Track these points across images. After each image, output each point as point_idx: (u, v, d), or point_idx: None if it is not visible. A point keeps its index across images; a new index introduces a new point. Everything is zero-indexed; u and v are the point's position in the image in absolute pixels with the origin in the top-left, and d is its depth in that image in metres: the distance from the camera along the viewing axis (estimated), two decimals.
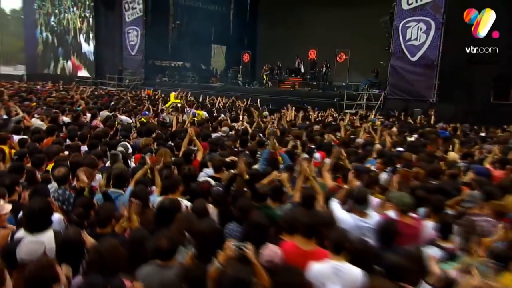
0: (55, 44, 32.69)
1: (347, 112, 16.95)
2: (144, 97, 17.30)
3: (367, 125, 9.85)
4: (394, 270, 2.68)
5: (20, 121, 8.01)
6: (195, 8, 27.85)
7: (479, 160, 7.10)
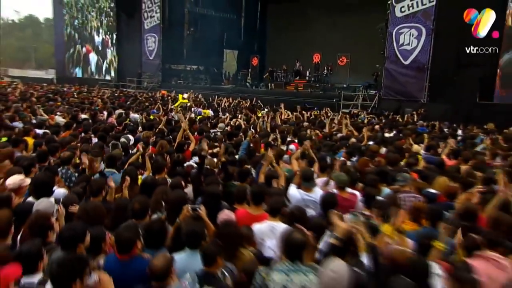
0: (83, 50, 33.45)
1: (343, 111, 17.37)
2: (157, 98, 18.05)
3: (347, 121, 10.40)
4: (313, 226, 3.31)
5: (45, 121, 8.82)
6: (208, 16, 28.14)
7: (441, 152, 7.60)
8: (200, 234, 3.07)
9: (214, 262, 2.75)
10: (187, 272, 2.70)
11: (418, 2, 16.89)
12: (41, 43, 70.67)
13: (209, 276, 2.67)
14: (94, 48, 31.92)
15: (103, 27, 30.88)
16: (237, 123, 9.83)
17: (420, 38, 16.97)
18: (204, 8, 27.91)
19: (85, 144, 6.21)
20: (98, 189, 3.88)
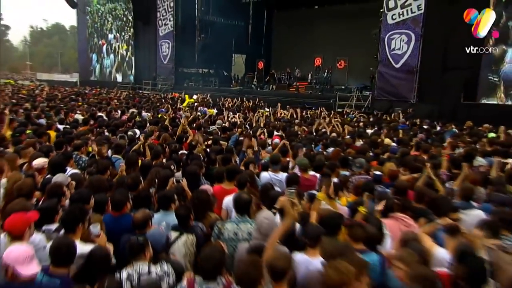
0: (103, 55, 34.09)
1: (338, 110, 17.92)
2: (168, 99, 18.83)
3: (330, 119, 11.04)
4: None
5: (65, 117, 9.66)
6: (218, 23, 28.57)
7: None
8: (169, 197, 3.77)
9: (186, 220, 3.44)
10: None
11: (407, 10, 17.17)
12: (67, 49, 72.21)
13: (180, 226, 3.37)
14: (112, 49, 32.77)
15: (121, 34, 31.64)
16: (234, 120, 10.53)
17: (410, 43, 17.22)
18: (213, 16, 28.35)
19: (98, 137, 6.99)
20: (104, 168, 4.62)
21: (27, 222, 2.69)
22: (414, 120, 13.12)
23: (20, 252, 2.32)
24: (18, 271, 2.28)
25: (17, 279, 2.29)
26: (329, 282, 2.23)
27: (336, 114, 14.80)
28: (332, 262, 2.33)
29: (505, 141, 8.40)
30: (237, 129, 8.94)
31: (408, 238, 3.07)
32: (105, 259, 2.67)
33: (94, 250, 2.68)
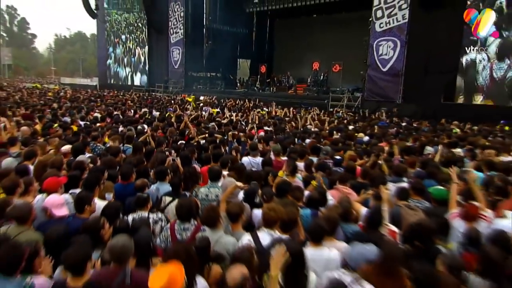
0: (120, 61, 34.80)
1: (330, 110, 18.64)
2: (177, 100, 19.73)
3: (311, 116, 11.83)
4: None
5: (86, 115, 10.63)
6: (224, 31, 29.22)
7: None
8: (164, 171, 4.62)
9: (177, 189, 4.28)
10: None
11: (393, 19, 17.76)
12: (87, 55, 73.87)
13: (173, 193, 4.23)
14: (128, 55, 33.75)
15: (136, 41, 32.49)
16: (232, 118, 11.37)
17: (396, 49, 17.78)
18: (220, 25, 29.06)
19: (113, 130, 7.91)
20: (115, 152, 5.52)
21: (59, 183, 3.58)
22: (394, 118, 13.79)
23: (55, 199, 3.20)
24: (53, 212, 3.16)
25: (53, 218, 3.16)
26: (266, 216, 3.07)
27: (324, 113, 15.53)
28: (270, 205, 3.17)
29: (461, 135, 9.13)
30: (231, 126, 9.80)
31: (341, 200, 3.90)
32: (116, 210, 3.49)
33: (109, 204, 3.53)
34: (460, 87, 16.37)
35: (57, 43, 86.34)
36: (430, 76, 17.00)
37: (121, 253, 2.42)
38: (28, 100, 13.93)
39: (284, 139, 7.63)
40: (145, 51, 31.43)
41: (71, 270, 2.26)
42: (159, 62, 30.12)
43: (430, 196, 4.11)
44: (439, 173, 4.92)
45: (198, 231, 3.19)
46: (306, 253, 2.52)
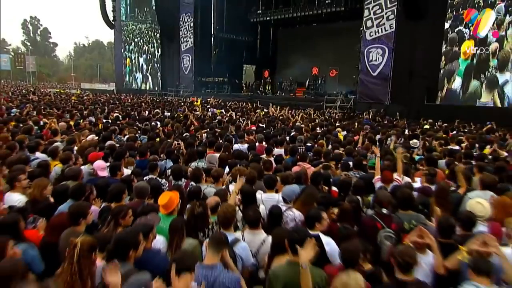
0: (135, 67, 36.48)
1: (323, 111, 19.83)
2: (187, 102, 21.09)
3: (302, 116, 13.09)
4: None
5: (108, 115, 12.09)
6: (230, 39, 30.65)
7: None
8: (171, 151, 5.95)
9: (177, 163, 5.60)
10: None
11: (382, 29, 18.87)
12: (104, 61, 76.08)
13: None
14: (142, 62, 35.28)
15: (150, 49, 34.04)
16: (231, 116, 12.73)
17: (384, 55, 18.85)
18: (227, 33, 30.52)
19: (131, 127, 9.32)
20: (133, 139, 6.91)
21: (98, 156, 4.97)
22: (377, 117, 14.98)
23: (100, 164, 4.58)
24: (98, 172, 4.52)
25: (97, 176, 4.52)
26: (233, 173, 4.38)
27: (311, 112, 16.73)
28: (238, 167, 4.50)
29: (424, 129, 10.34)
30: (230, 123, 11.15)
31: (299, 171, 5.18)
32: (139, 174, 4.78)
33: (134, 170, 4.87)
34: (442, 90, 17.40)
35: (76, 51, 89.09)
36: (414, 79, 18.08)
37: (142, 192, 3.76)
38: (57, 103, 15.42)
39: (272, 133, 8.93)
40: (158, 58, 32.91)
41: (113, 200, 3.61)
42: (171, 68, 31.56)
43: (366, 169, 5.38)
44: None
45: (188, 185, 4.50)
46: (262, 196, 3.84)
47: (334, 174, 5.07)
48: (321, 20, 27.49)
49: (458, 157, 6.38)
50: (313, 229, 3.08)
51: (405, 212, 3.55)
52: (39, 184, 3.68)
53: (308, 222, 3.19)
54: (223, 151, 6.03)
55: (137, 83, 36.03)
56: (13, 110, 11.36)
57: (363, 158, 5.79)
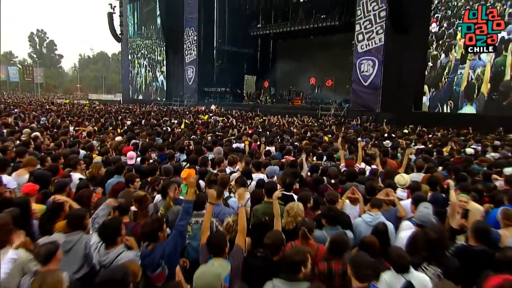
0: (141, 78, 38.26)
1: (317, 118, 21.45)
2: (191, 111, 22.81)
3: (296, 122, 14.72)
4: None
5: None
6: (232, 51, 32.59)
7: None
8: (183, 148, 7.59)
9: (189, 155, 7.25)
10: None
11: (372, 42, 20.57)
12: (109, 73, 78.41)
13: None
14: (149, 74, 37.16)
15: (156, 61, 35.96)
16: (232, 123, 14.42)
17: (374, 67, 20.48)
18: (228, 46, 32.46)
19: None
20: (152, 139, 8.56)
21: (130, 149, 6.62)
22: (365, 123, 16.61)
23: (131, 154, 6.24)
24: (128, 161, 6.16)
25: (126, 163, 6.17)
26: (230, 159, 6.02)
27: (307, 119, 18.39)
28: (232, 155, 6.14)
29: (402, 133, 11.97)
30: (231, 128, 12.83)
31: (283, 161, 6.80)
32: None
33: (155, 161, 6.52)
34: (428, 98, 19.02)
35: (81, 63, 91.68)
36: (402, 89, 19.65)
37: (168, 171, 5.40)
38: (74, 112, 17.17)
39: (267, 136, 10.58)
40: (163, 70, 34.75)
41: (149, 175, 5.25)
42: (175, 79, 33.45)
43: (334, 159, 7.02)
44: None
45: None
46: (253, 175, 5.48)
47: (310, 162, 6.67)
48: (317, 33, 29.47)
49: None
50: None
51: (351, 183, 5.17)
52: (96, 166, 5.33)
53: (286, 187, 4.78)
54: (225, 147, 7.68)
55: (143, 93, 37.79)
56: (42, 118, 13.10)
57: (334, 152, 7.40)
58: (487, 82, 16.76)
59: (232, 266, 2.77)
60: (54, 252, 2.59)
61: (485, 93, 16.89)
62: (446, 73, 18.21)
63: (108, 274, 2.17)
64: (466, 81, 17.46)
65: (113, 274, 2.15)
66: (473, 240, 3.19)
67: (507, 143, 10.38)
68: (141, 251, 2.94)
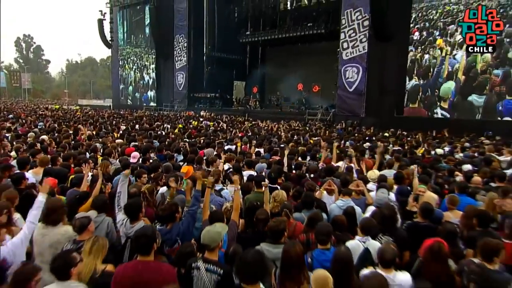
0: (131, 84, 38.43)
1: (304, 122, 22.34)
2: (182, 116, 23.51)
3: (284, 127, 15.58)
4: None
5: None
6: (221, 57, 33.36)
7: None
8: (178, 149, 8.34)
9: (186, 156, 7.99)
10: None
11: (356, 50, 21.46)
12: (97, 78, 78.36)
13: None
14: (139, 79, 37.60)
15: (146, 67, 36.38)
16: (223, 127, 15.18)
17: (359, 73, 21.35)
18: (218, 53, 33.28)
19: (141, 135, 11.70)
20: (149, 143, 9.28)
21: (132, 150, 7.33)
22: (349, 127, 17.57)
23: (135, 154, 6.96)
24: (131, 160, 6.88)
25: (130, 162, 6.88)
26: (226, 157, 6.79)
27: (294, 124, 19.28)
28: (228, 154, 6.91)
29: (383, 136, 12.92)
30: (222, 132, 13.61)
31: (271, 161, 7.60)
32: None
33: None
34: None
35: (69, 68, 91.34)
36: (385, 95, 20.73)
37: (168, 168, 6.13)
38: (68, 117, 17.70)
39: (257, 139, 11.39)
40: (154, 76, 35.32)
41: (152, 171, 5.98)
42: (166, 85, 33.99)
43: (317, 159, 7.86)
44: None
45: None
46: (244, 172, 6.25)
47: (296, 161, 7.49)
48: (304, 40, 30.49)
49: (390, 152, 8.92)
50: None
51: (329, 177, 5.99)
52: (104, 164, 6.04)
53: (271, 181, 5.56)
54: (217, 148, 8.46)
55: (133, 99, 38.21)
56: (40, 123, 13.65)
57: (316, 152, 8.25)
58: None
59: (229, 237, 3.53)
60: (87, 224, 3.33)
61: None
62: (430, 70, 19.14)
63: (141, 231, 2.90)
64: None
65: (145, 230, 2.88)
66: (420, 217, 4.03)
67: (476, 144, 11.40)
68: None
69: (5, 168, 4.96)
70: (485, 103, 16.98)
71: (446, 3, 18.31)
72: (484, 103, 17.02)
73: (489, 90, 16.77)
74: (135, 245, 2.90)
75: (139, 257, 2.86)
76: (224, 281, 2.69)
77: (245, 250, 2.77)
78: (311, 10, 29.54)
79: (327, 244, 3.26)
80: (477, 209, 3.94)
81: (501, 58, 16.40)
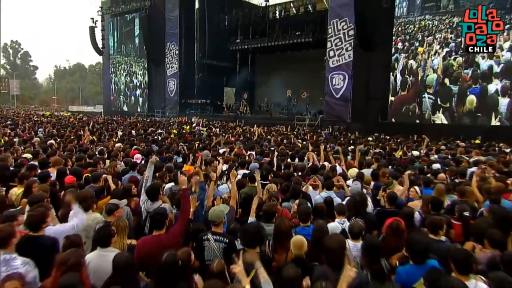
0: (123, 90, 38.98)
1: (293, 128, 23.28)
2: (176, 122, 24.25)
3: (273, 132, 16.46)
4: None
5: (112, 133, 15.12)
6: (212, 65, 34.24)
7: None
8: (178, 151, 9.12)
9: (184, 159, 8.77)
10: None
11: (342, 58, 22.47)
12: (86, 84, 78.33)
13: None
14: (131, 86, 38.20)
15: (138, 74, 36.93)
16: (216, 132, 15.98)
17: (345, 80, 22.38)
18: (209, 60, 34.15)
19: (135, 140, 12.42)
20: (150, 145, 10.02)
21: (136, 152, 8.08)
22: (335, 132, 18.56)
23: (138, 156, 7.70)
24: (135, 160, 7.63)
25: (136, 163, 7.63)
26: (225, 158, 7.61)
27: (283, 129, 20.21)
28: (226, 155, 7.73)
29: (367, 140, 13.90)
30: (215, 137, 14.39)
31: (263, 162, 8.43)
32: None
33: None
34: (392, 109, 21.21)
35: (57, 74, 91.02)
36: (370, 101, 21.85)
37: (170, 168, 6.91)
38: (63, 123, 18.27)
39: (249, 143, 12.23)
40: (145, 82, 35.91)
41: (157, 171, 6.75)
42: (157, 91, 34.58)
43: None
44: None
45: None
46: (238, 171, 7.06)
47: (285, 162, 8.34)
48: (293, 48, 31.60)
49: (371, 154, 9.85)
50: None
51: (314, 175, 6.85)
52: (113, 164, 6.79)
53: (263, 178, 6.39)
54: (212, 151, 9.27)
55: (125, 105, 38.67)
56: (40, 129, 14.23)
57: (303, 154, 9.12)
58: None
59: (228, 219, 4.34)
60: (115, 209, 4.12)
61: None
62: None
63: (156, 210, 3.75)
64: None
65: (160, 210, 3.75)
66: (387, 204, 4.92)
67: (451, 147, 12.45)
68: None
69: (31, 167, 5.68)
70: (459, 91, 18.55)
71: (421, 19, 19.71)
72: (458, 90, 18.56)
73: (461, 82, 18.40)
74: (152, 221, 3.74)
75: (154, 232, 3.72)
76: (230, 247, 3.51)
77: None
78: (299, 19, 30.73)
79: (307, 222, 4.10)
80: (430, 197, 4.83)
81: (469, 62, 18.05)
